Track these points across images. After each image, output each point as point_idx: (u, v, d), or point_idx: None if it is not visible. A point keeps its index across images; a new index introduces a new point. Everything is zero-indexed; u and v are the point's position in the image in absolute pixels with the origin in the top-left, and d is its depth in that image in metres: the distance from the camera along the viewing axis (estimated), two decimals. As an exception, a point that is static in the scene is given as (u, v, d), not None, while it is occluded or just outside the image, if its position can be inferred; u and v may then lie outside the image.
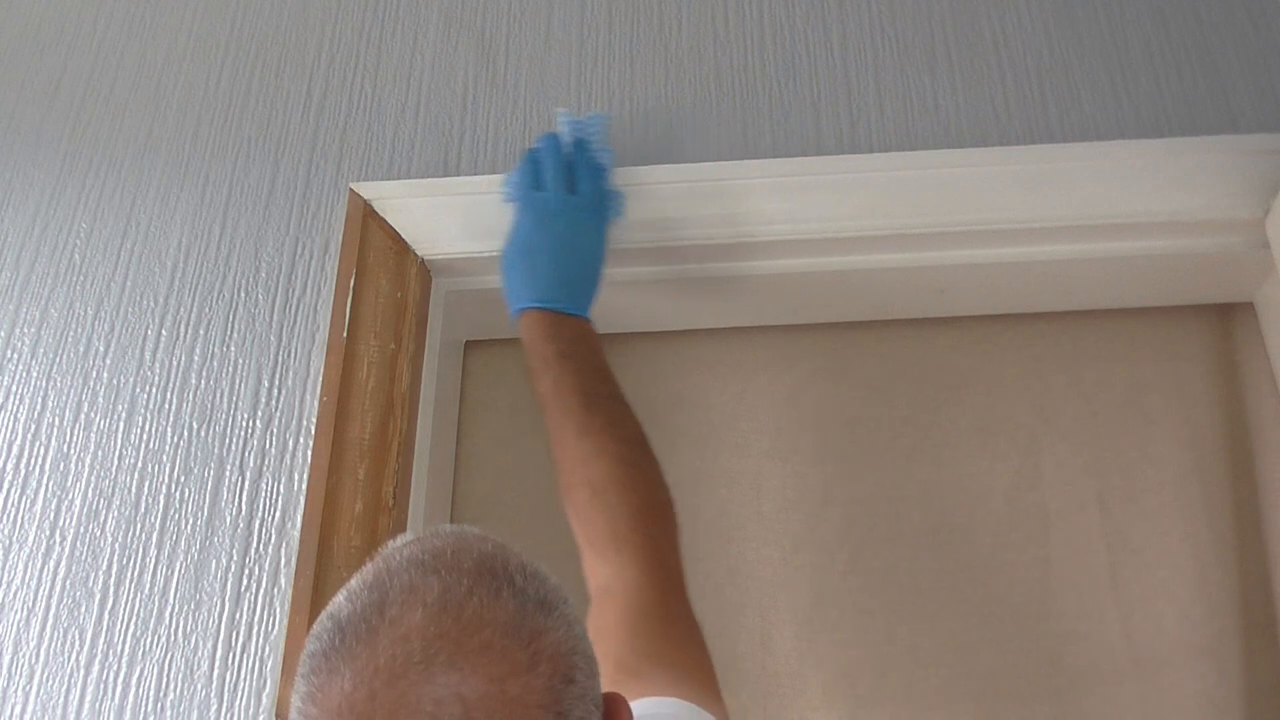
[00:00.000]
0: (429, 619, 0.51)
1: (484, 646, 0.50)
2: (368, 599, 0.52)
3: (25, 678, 0.88)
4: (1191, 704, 0.95)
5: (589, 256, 0.91)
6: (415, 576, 0.53)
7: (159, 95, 1.13)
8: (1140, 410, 1.04)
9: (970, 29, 1.07)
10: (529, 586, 0.54)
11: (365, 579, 0.54)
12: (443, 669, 0.49)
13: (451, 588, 0.52)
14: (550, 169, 0.93)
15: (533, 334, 0.88)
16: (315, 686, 0.51)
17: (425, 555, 0.54)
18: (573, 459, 0.84)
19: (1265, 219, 0.95)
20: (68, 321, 1.02)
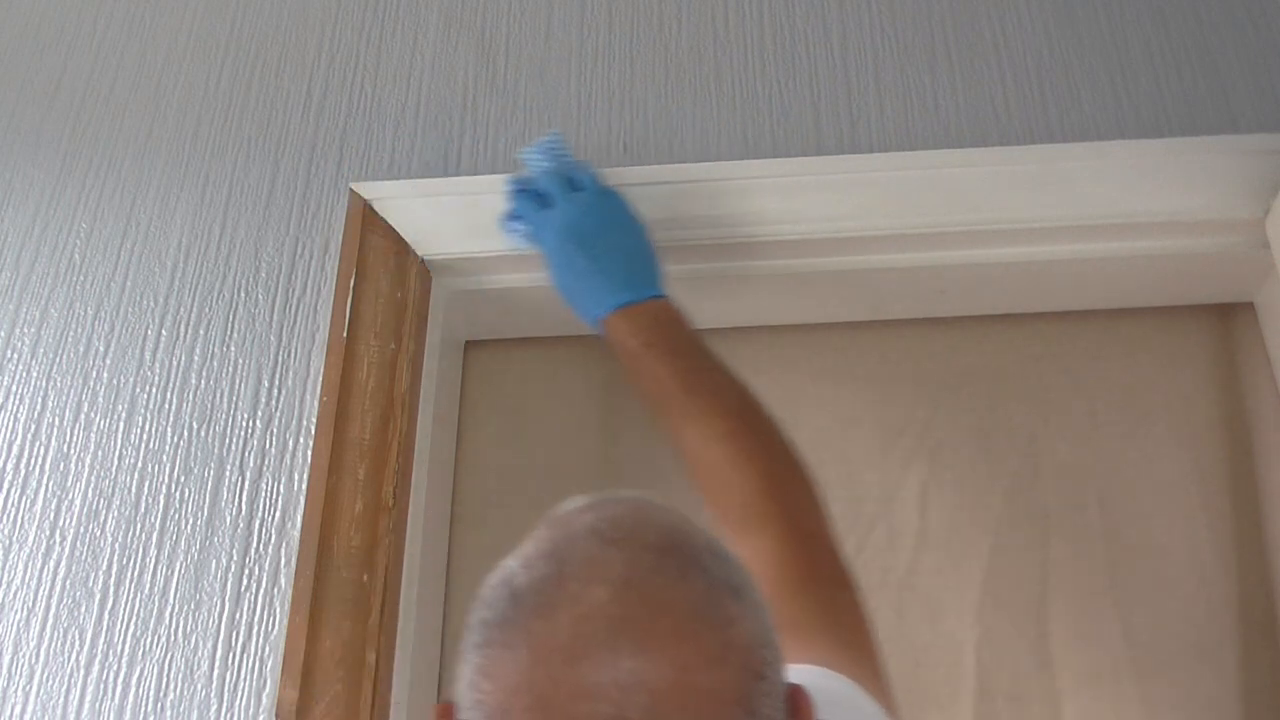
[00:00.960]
0: (612, 597, 0.47)
1: (673, 632, 0.47)
2: (544, 569, 0.49)
3: (25, 678, 0.88)
4: (1191, 704, 0.95)
5: (628, 237, 0.88)
6: (595, 548, 0.49)
7: (159, 95, 1.13)
8: (1140, 410, 1.04)
9: (970, 29, 1.07)
10: (717, 568, 0.50)
11: (540, 545, 0.51)
12: (628, 653, 0.46)
13: (634, 564, 0.49)
14: (546, 186, 0.91)
15: (614, 337, 0.84)
16: (490, 659, 0.48)
17: (605, 525, 0.51)
18: (689, 448, 0.81)
19: (1265, 219, 0.95)
20: (68, 321, 1.02)
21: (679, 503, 0.95)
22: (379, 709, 0.84)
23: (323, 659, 0.84)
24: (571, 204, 0.89)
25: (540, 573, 0.49)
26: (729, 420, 0.80)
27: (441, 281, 1.02)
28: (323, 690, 0.83)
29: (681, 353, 0.83)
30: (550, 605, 0.48)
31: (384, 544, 0.89)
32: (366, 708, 0.83)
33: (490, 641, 0.49)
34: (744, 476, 0.78)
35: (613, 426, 1.08)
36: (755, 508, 0.77)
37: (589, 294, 0.86)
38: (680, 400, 0.81)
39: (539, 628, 0.47)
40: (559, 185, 0.90)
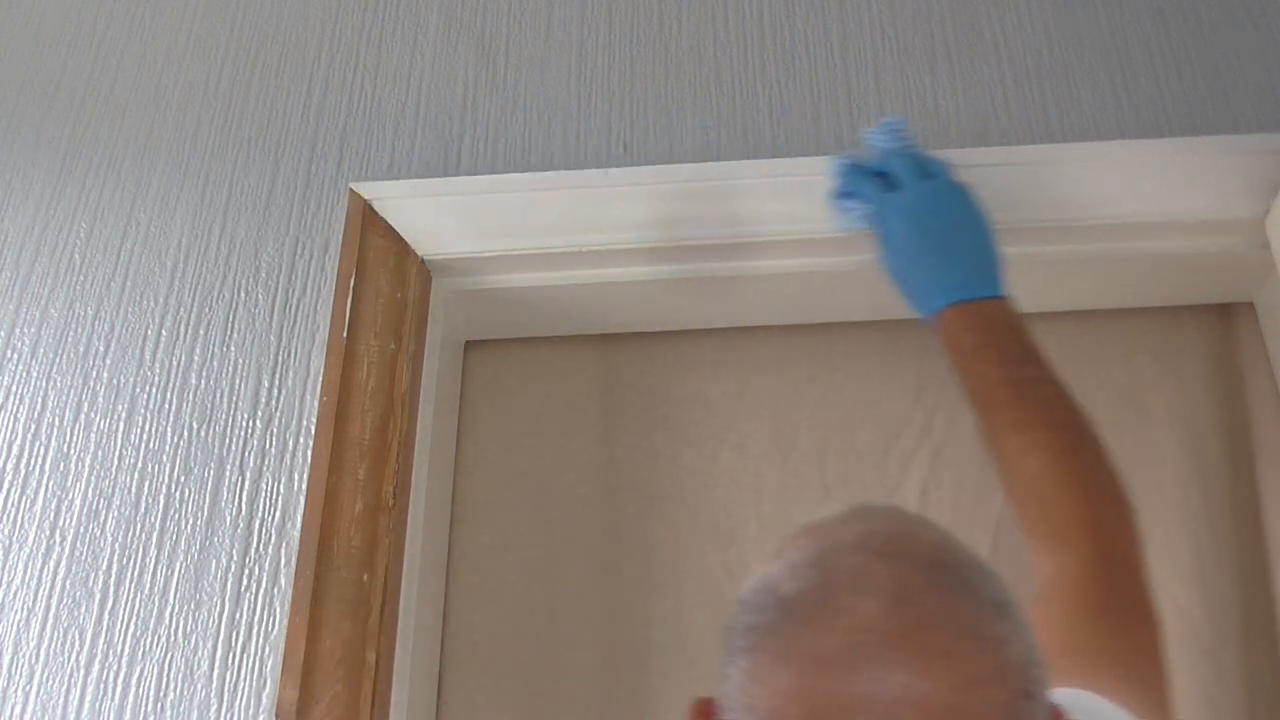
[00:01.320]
0: (884, 611, 0.47)
1: (946, 649, 0.47)
2: (813, 578, 0.49)
3: (25, 678, 0.88)
4: (1191, 704, 0.95)
5: (972, 232, 0.85)
6: (865, 561, 0.49)
7: (159, 95, 1.13)
8: (1140, 410, 1.04)
9: (970, 29, 1.07)
10: (985, 586, 0.50)
11: (806, 554, 0.51)
12: (900, 668, 0.46)
13: (906, 578, 0.48)
14: (898, 168, 0.87)
15: (947, 332, 0.82)
16: (760, 665, 0.49)
17: (874, 538, 0.51)
18: (1007, 454, 0.79)
19: (1265, 219, 0.95)
20: (68, 321, 1.02)
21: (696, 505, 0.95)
22: (379, 709, 0.84)
23: (323, 659, 0.84)
24: (925, 190, 0.85)
25: (808, 582, 0.50)
26: (1055, 434, 0.78)
27: (441, 281, 1.02)
28: (323, 690, 0.83)
29: (1014, 358, 0.81)
30: (821, 616, 0.48)
31: (384, 544, 0.89)
32: (366, 708, 0.83)
33: (759, 648, 0.49)
34: (1062, 493, 0.77)
35: (613, 426, 1.08)
36: (1067, 526, 0.76)
37: (929, 285, 0.83)
38: (1006, 406, 0.80)
39: (810, 638, 0.48)
40: (910, 168, 0.87)
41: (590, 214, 0.99)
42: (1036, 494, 0.77)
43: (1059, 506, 0.76)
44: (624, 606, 1.01)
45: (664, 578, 1.02)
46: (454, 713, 0.98)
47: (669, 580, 1.02)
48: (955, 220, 0.85)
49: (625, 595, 1.01)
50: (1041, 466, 0.77)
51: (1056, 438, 0.78)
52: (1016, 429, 0.79)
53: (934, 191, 0.86)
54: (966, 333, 0.81)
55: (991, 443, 0.81)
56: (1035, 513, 0.77)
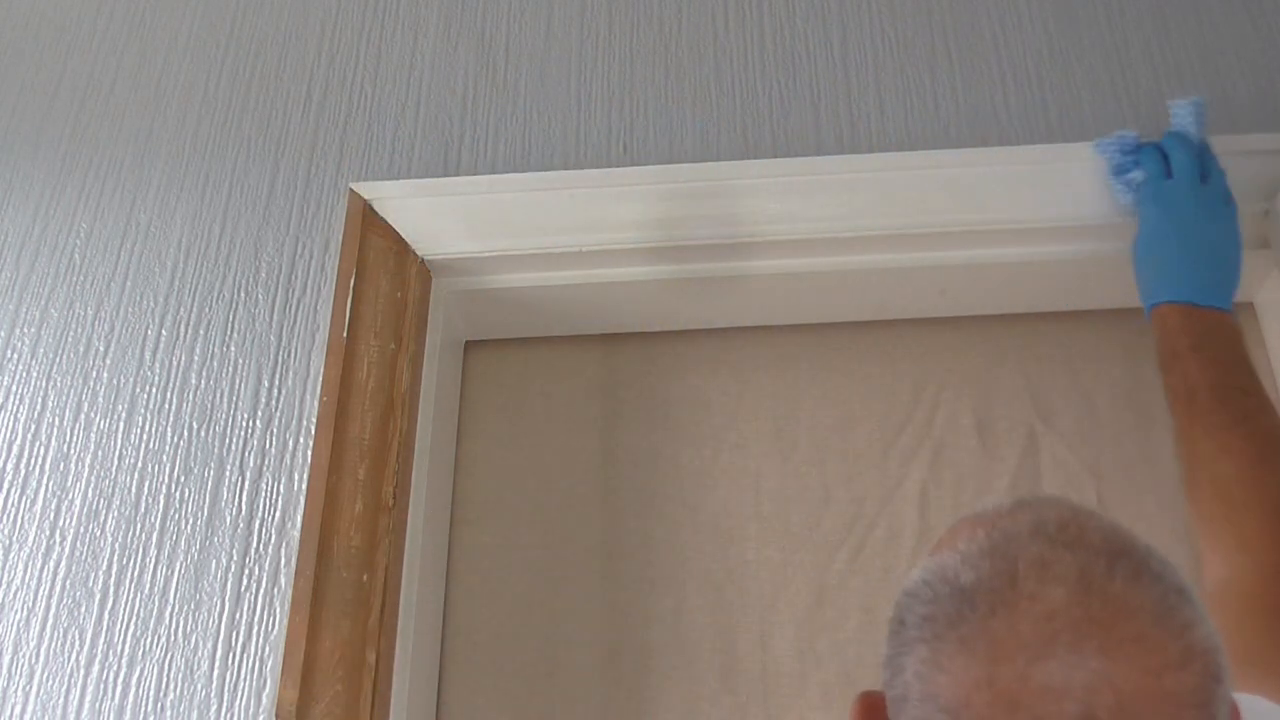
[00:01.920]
0: (1072, 598, 0.47)
1: (1137, 635, 0.47)
2: (992, 568, 0.49)
3: (25, 678, 0.88)
4: (1191, 704, 0.95)
5: (1224, 245, 0.87)
6: (1044, 550, 0.49)
7: (159, 95, 1.13)
8: (1140, 410, 1.04)
9: (970, 29, 1.07)
10: (1165, 572, 0.51)
11: (980, 545, 0.51)
12: (1094, 654, 0.46)
13: (1088, 566, 0.49)
14: (1181, 158, 0.89)
15: (1164, 327, 0.85)
16: (943, 654, 0.48)
17: (1048, 527, 0.51)
18: (1199, 455, 0.80)
19: (1265, 219, 0.95)
20: (68, 321, 1.02)
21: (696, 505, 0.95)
22: (379, 709, 0.84)
23: (323, 659, 0.84)
24: (1199, 191, 0.88)
25: (988, 571, 0.50)
26: (1254, 442, 0.79)
27: (441, 281, 1.02)
28: (323, 690, 0.83)
29: (1225, 366, 0.83)
30: (1008, 604, 0.48)
31: (384, 544, 0.89)
32: (366, 708, 0.83)
33: (941, 636, 0.49)
34: (1251, 500, 0.77)
35: (613, 426, 1.08)
36: (1251, 531, 0.76)
37: (1168, 277, 0.86)
38: (1207, 410, 0.81)
39: (998, 625, 0.48)
40: (1191, 164, 0.89)
41: (590, 214, 0.99)
42: (1224, 497, 0.78)
43: (1246, 512, 0.77)
44: (624, 606, 1.01)
45: (664, 578, 1.02)
46: (454, 713, 0.98)
47: (669, 580, 1.02)
48: (1213, 229, 0.87)
49: (625, 595, 1.01)
50: (1234, 471, 0.78)
51: (1253, 446, 0.79)
52: (1216, 430, 0.80)
53: (1206, 196, 0.88)
54: (1183, 334, 0.83)
55: (1185, 443, 0.82)
56: (1221, 515, 0.78)
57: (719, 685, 0.98)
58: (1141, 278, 0.88)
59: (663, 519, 1.04)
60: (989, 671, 0.47)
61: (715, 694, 0.97)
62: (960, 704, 0.47)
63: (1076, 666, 0.46)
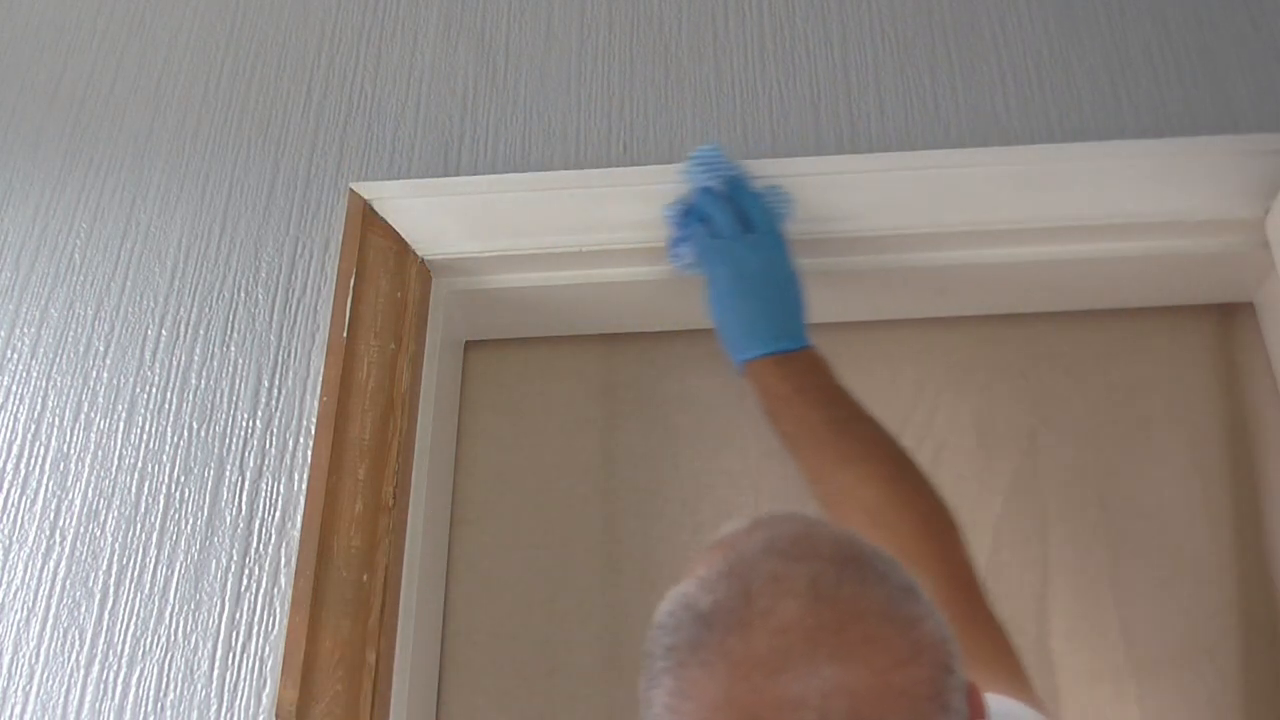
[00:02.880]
0: (804, 609, 0.49)
1: (866, 637, 0.49)
2: (728, 589, 0.51)
3: (25, 678, 0.88)
4: (1191, 704, 0.95)
5: (789, 285, 0.90)
6: (776, 565, 0.51)
7: (159, 95, 1.13)
8: (1140, 410, 1.04)
9: (970, 29, 1.07)
10: (892, 572, 0.52)
11: (717, 568, 0.52)
12: (825, 660, 0.48)
13: (819, 576, 0.50)
14: (718, 215, 0.91)
15: (762, 381, 0.87)
16: (686, 681, 0.49)
17: (780, 543, 0.52)
18: (838, 489, 0.83)
19: (1265, 219, 0.95)
20: (68, 321, 1.02)
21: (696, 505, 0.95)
22: (379, 709, 0.84)
23: (323, 659, 0.84)
24: (747, 245, 0.90)
25: (725, 592, 0.51)
26: (887, 465, 0.83)
27: (441, 281, 1.02)
28: (323, 690, 0.83)
29: (834, 400, 0.86)
30: (743, 622, 0.49)
31: (384, 544, 0.89)
32: (366, 708, 0.83)
33: (684, 663, 0.50)
34: (903, 520, 0.80)
35: (613, 426, 1.08)
36: (913, 549, 0.78)
37: (747, 335, 0.88)
38: (834, 443, 0.84)
39: (735, 645, 0.49)
40: (729, 218, 0.91)
41: (590, 214, 0.99)
42: (880, 522, 0.80)
43: (901, 533, 0.79)
44: (624, 606, 1.01)
45: (664, 578, 1.02)
46: (454, 713, 0.98)
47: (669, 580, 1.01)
48: (773, 275, 0.89)
49: (626, 595, 1.01)
50: (879, 495, 0.81)
51: (889, 469, 0.82)
52: (850, 463, 0.83)
53: (757, 246, 0.90)
54: (783, 380, 0.86)
55: (820, 481, 0.85)
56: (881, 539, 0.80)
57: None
58: (724, 338, 0.90)
59: (663, 519, 1.04)
60: (728, 691, 0.48)
61: None
62: None
63: (811, 675, 0.47)
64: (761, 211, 0.92)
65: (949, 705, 0.49)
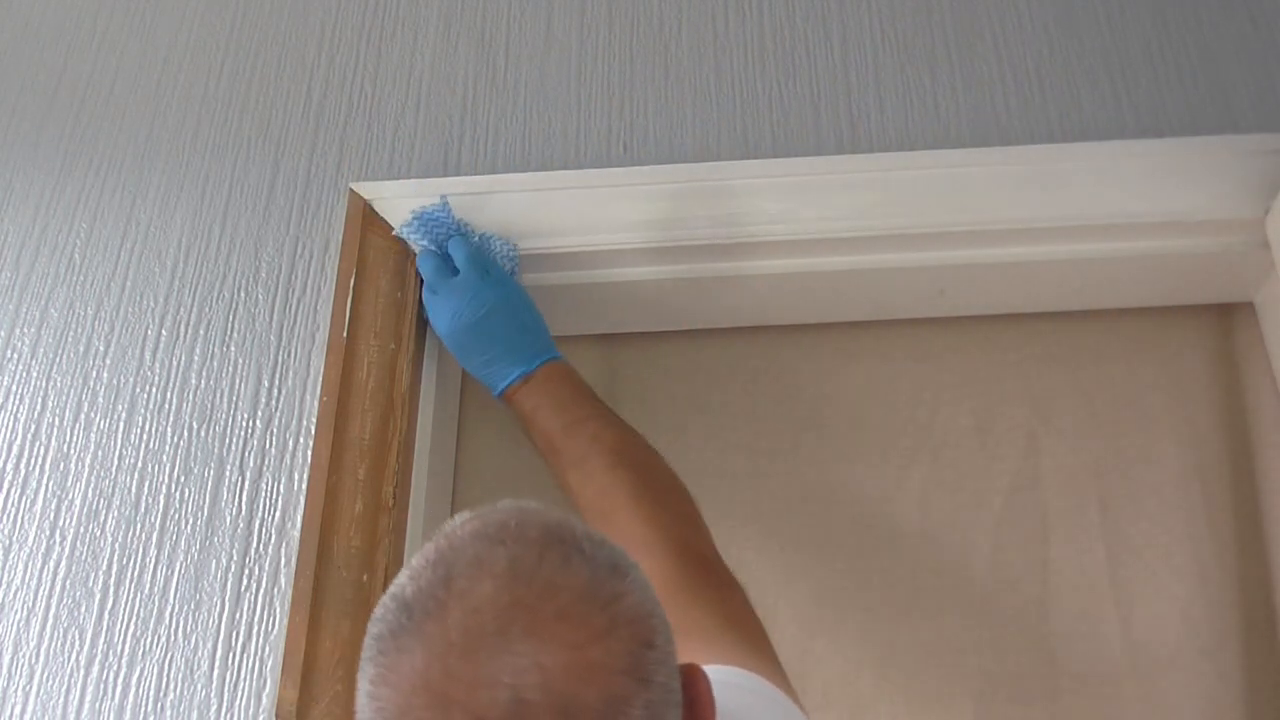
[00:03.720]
0: (499, 589, 0.49)
1: (560, 613, 0.49)
2: (432, 575, 0.51)
3: (25, 678, 0.88)
4: (1191, 704, 0.95)
5: (514, 313, 0.91)
6: (481, 549, 0.51)
7: (159, 95, 1.13)
8: (1140, 410, 1.04)
9: (970, 29, 1.07)
10: (598, 553, 0.53)
11: (427, 557, 0.53)
12: (519, 638, 0.48)
13: (520, 557, 0.51)
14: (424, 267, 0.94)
15: (512, 409, 0.90)
16: (384, 667, 0.49)
17: (488, 528, 0.53)
18: (571, 489, 0.86)
19: (1265, 219, 0.95)
20: (68, 321, 1.02)
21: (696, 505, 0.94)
22: (379, 709, 0.84)
23: (323, 659, 0.84)
24: (453, 293, 0.91)
25: (428, 579, 0.51)
26: (603, 458, 0.85)
27: (441, 281, 1.02)
28: (323, 690, 0.83)
29: (565, 406, 0.89)
30: (440, 605, 0.49)
31: (384, 544, 0.89)
32: (366, 708, 0.83)
33: (384, 650, 0.50)
34: (620, 506, 0.82)
35: (613, 426, 1.08)
36: (636, 532, 0.80)
37: (489, 375, 0.91)
38: (562, 448, 0.87)
39: (430, 628, 0.49)
40: (436, 270, 0.93)
41: (590, 214, 0.99)
42: (602, 514, 0.83)
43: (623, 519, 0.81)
44: (624, 606, 1.01)
45: (664, 578, 1.02)
46: (454, 713, 0.98)
47: (669, 580, 1.02)
48: (490, 313, 0.90)
49: (625, 595, 1.01)
50: (598, 490, 0.84)
51: (605, 461, 0.84)
52: (574, 464, 0.85)
53: (462, 291, 0.91)
54: (525, 401, 0.89)
55: (561, 483, 0.87)
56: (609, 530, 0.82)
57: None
58: (476, 374, 0.92)
59: (663, 519, 1.04)
60: (424, 675, 0.48)
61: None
62: (401, 712, 0.48)
63: (503, 652, 0.48)
64: (466, 258, 0.93)
65: (649, 679, 0.49)
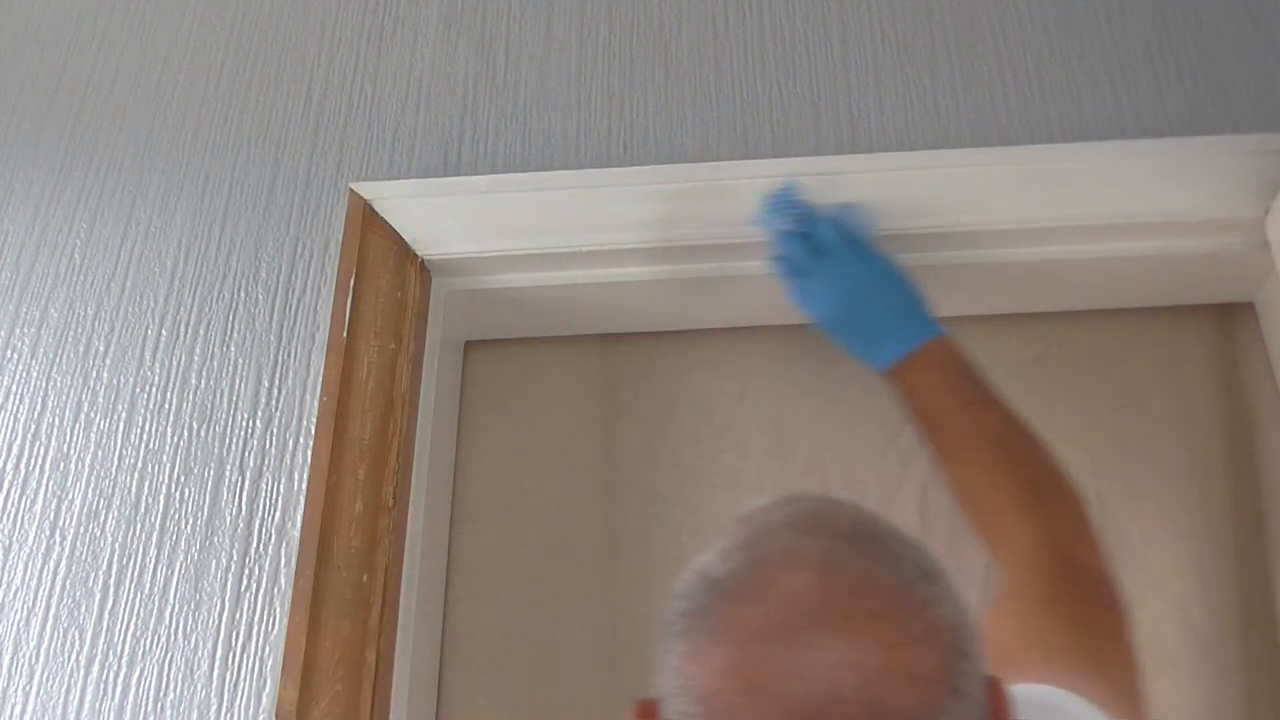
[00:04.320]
0: (813, 582, 0.49)
1: (874, 613, 0.49)
2: (743, 558, 0.51)
3: (25, 678, 0.88)
4: (1191, 704, 0.95)
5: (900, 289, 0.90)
6: (792, 538, 0.52)
7: (159, 95, 1.13)
8: (1140, 410, 1.04)
9: (970, 29, 1.07)
10: (910, 554, 0.52)
11: (735, 540, 0.53)
12: (834, 634, 0.48)
13: (831, 551, 0.51)
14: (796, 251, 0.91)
15: (894, 384, 0.89)
16: (694, 646, 0.50)
17: (798, 518, 0.53)
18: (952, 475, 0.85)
19: (1265, 219, 0.95)
20: (68, 321, 1.02)
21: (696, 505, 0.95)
22: (379, 709, 0.84)
23: (323, 659, 0.84)
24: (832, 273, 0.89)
25: (738, 562, 0.51)
26: (986, 449, 0.83)
27: (441, 281, 1.02)
28: (323, 690, 0.83)
29: (951, 386, 0.86)
30: (753, 591, 0.50)
31: (384, 544, 0.89)
32: (366, 708, 0.83)
33: (692, 629, 0.51)
34: (997, 504, 0.81)
35: (613, 426, 1.08)
36: (1010, 533, 0.79)
37: (872, 353, 0.89)
38: (943, 431, 0.85)
39: (743, 613, 0.49)
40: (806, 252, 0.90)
41: (590, 214, 0.99)
42: (981, 505, 0.82)
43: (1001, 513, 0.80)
44: (624, 606, 1.01)
45: (664, 578, 1.02)
46: (454, 713, 0.98)
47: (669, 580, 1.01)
48: (876, 288, 0.89)
49: (625, 595, 1.01)
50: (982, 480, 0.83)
51: (990, 452, 0.83)
52: (958, 449, 0.85)
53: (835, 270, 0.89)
54: (912, 376, 0.87)
55: (942, 467, 0.86)
56: (984, 521, 0.82)
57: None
58: (851, 351, 0.90)
59: (663, 519, 1.04)
60: (735, 658, 0.48)
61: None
62: (709, 692, 0.49)
63: (819, 647, 0.47)
64: (836, 235, 0.91)
65: (960, 690, 0.49)
